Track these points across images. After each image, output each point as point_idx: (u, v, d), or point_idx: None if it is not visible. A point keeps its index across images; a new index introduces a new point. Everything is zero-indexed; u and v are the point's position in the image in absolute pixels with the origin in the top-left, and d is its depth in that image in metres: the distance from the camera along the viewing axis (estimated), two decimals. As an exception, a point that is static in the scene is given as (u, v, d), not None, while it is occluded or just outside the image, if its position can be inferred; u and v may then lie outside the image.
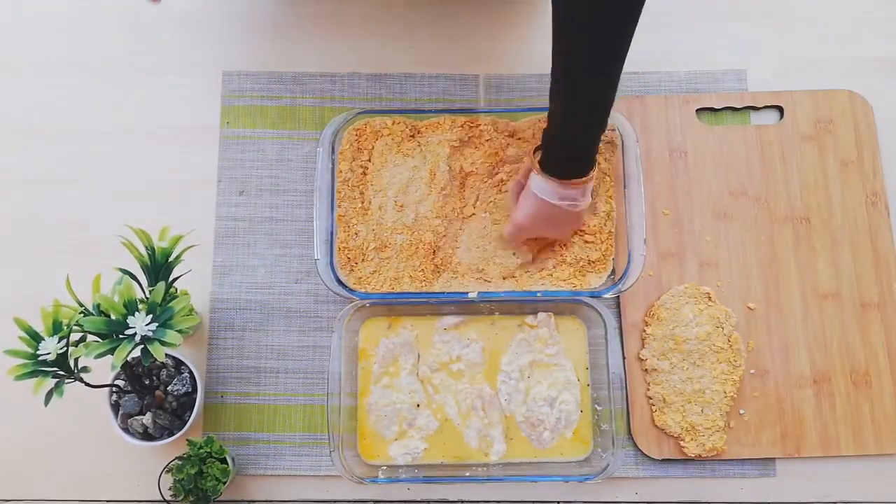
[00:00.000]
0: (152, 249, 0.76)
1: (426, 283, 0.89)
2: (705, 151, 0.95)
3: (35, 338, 0.69)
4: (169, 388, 0.84)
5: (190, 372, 0.85)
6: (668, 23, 1.01)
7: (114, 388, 0.84)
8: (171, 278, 0.77)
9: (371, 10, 1.02)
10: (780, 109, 0.96)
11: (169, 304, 0.71)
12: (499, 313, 0.90)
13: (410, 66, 1.00)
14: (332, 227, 0.89)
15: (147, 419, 0.82)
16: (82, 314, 0.71)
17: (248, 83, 0.99)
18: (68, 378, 0.71)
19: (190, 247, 0.77)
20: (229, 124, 0.98)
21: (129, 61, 1.00)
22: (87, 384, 0.73)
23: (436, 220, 0.90)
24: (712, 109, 0.96)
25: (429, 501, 0.88)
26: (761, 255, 0.92)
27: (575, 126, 0.75)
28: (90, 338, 0.72)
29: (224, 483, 0.81)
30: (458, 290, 0.89)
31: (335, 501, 0.88)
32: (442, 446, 0.87)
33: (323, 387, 0.90)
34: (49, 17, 1.01)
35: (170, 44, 1.00)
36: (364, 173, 0.92)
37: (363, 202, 0.92)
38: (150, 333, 0.69)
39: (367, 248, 0.90)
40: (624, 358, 0.89)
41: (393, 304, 0.89)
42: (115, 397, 0.84)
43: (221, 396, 0.90)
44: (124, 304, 0.69)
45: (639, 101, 0.97)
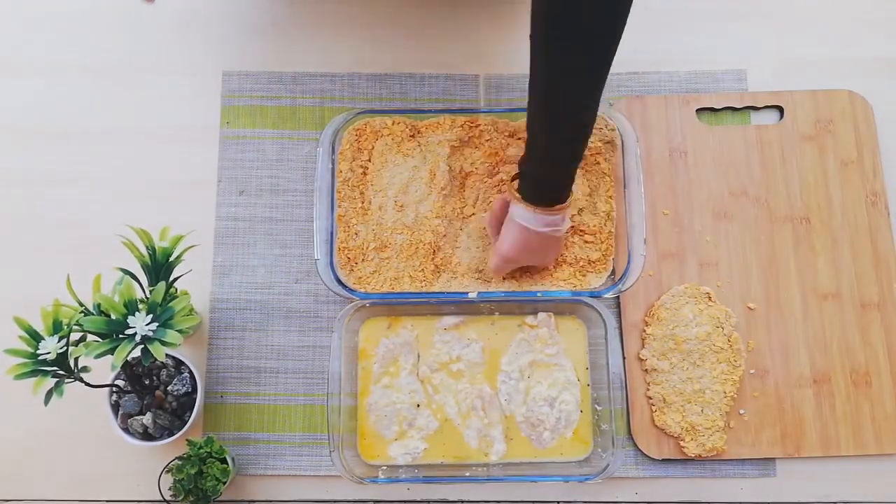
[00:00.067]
0: (153, 249, 0.76)
1: (426, 283, 0.89)
2: (705, 151, 0.95)
3: (35, 337, 0.69)
4: (169, 388, 0.84)
5: (190, 372, 0.85)
6: (668, 23, 1.01)
7: (114, 388, 0.84)
8: (172, 278, 0.77)
9: (371, 10, 1.02)
10: (780, 109, 0.96)
11: (169, 304, 0.71)
12: (499, 313, 0.90)
13: (410, 66, 1.00)
14: (332, 227, 0.89)
15: (147, 419, 0.82)
16: (82, 314, 0.71)
17: (248, 83, 0.99)
18: (68, 378, 0.71)
19: (190, 247, 0.77)
20: (229, 124, 0.98)
21: (129, 61, 1.00)
22: (87, 384, 0.73)
23: (436, 220, 0.90)
24: (712, 109, 0.96)
25: (429, 501, 0.88)
26: (761, 255, 0.92)
27: (555, 156, 0.75)
28: (90, 337, 0.72)
29: (224, 483, 0.81)
30: (458, 290, 0.89)
31: (335, 501, 0.88)
32: (442, 446, 0.87)
33: (323, 387, 0.90)
34: (49, 17, 1.01)
35: (170, 44, 1.00)
36: (364, 173, 0.92)
37: (363, 202, 0.92)
38: (151, 333, 0.69)
39: (367, 248, 0.90)
40: (624, 358, 0.89)
41: (393, 304, 0.89)
42: (115, 397, 0.84)
43: (221, 396, 0.90)
44: (124, 303, 0.69)
45: (639, 101, 0.97)
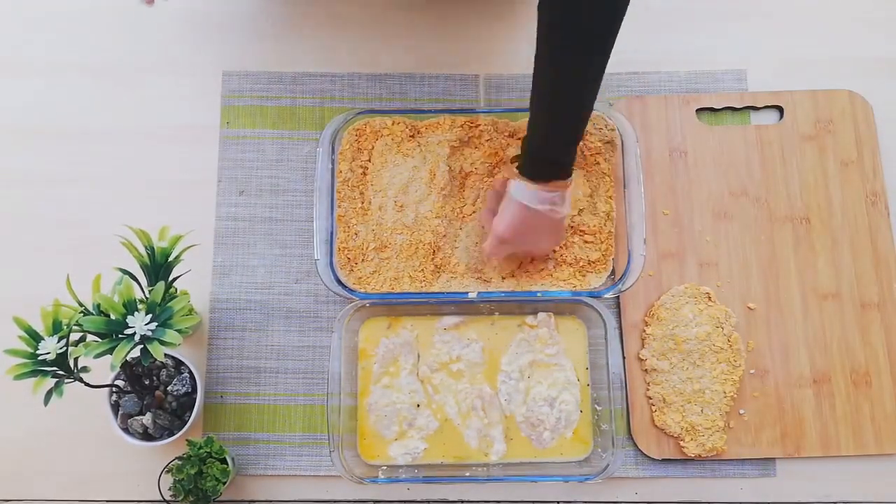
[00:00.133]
0: (152, 249, 0.76)
1: (426, 283, 0.89)
2: (705, 151, 0.95)
3: (35, 337, 0.69)
4: (169, 388, 0.84)
5: (190, 372, 0.85)
6: (668, 23, 1.01)
7: (114, 388, 0.84)
8: (171, 278, 0.77)
9: (371, 11, 1.02)
10: (780, 109, 0.96)
11: (168, 304, 0.71)
12: (499, 313, 0.90)
13: (410, 66, 1.00)
14: (332, 227, 0.89)
15: (147, 419, 0.82)
16: (82, 314, 0.71)
17: (248, 83, 0.99)
18: (68, 378, 0.71)
19: (190, 247, 0.77)
20: (229, 124, 0.98)
21: (129, 61, 1.00)
22: (87, 384, 0.73)
23: (435, 220, 0.90)
24: (712, 109, 0.96)
25: (429, 501, 0.88)
26: (761, 255, 0.92)
27: (556, 129, 0.75)
28: (90, 337, 0.72)
29: (224, 483, 0.81)
30: (457, 290, 0.89)
31: (335, 501, 0.88)
32: (442, 446, 0.87)
33: (323, 387, 0.90)
34: (49, 17, 1.01)
35: (170, 44, 1.00)
36: (364, 173, 0.92)
37: (363, 202, 0.92)
38: (150, 333, 0.69)
39: (367, 249, 0.90)
40: (624, 358, 0.89)
41: (393, 304, 0.89)
42: (115, 397, 0.84)
43: (221, 396, 0.90)
44: (124, 303, 0.69)
45: (639, 101, 0.96)
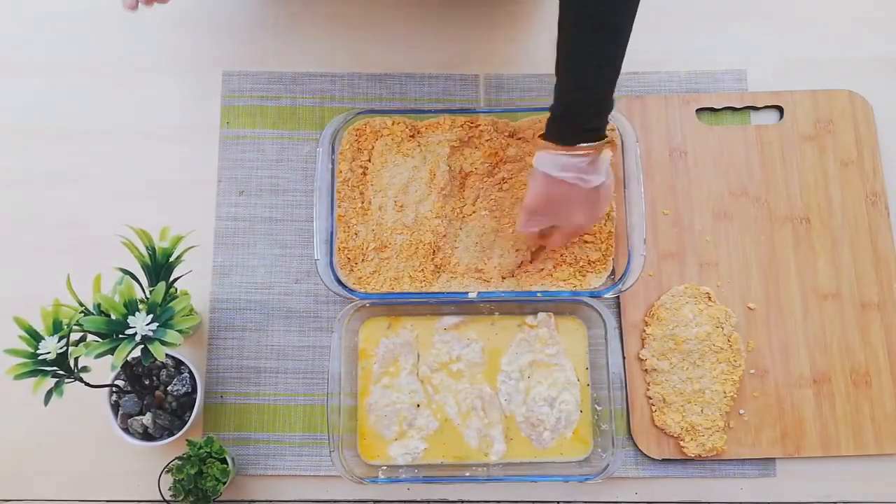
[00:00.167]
0: (153, 249, 0.76)
1: (426, 283, 0.89)
2: (705, 151, 0.95)
3: (35, 337, 0.69)
4: (169, 388, 0.84)
5: (190, 372, 0.85)
6: (668, 23, 1.01)
7: (114, 388, 0.84)
8: (172, 278, 0.77)
9: (371, 10, 1.02)
10: (780, 109, 0.96)
11: (169, 304, 0.71)
12: (499, 313, 0.90)
13: (410, 66, 1.00)
14: (332, 227, 0.89)
15: (147, 419, 0.82)
16: (82, 314, 0.71)
17: (248, 83, 0.99)
18: (68, 378, 0.71)
19: (190, 247, 0.77)
20: (229, 124, 0.97)
21: (129, 61, 1.00)
22: (87, 384, 0.73)
23: (435, 220, 0.90)
24: (712, 109, 0.96)
25: (429, 501, 0.88)
26: (761, 255, 0.92)
27: (576, 85, 0.71)
28: (90, 337, 0.72)
29: (224, 483, 0.81)
30: (457, 290, 0.89)
31: (335, 501, 0.88)
32: (442, 446, 0.87)
33: (323, 387, 0.90)
34: (49, 17, 1.01)
35: (170, 44, 1.00)
36: (364, 173, 0.92)
37: (363, 202, 0.92)
38: (151, 333, 0.69)
39: (367, 249, 0.90)
40: (624, 358, 0.89)
41: (393, 304, 0.89)
42: (115, 397, 0.84)
43: (221, 396, 0.90)
44: (124, 303, 0.69)
45: (639, 101, 0.97)
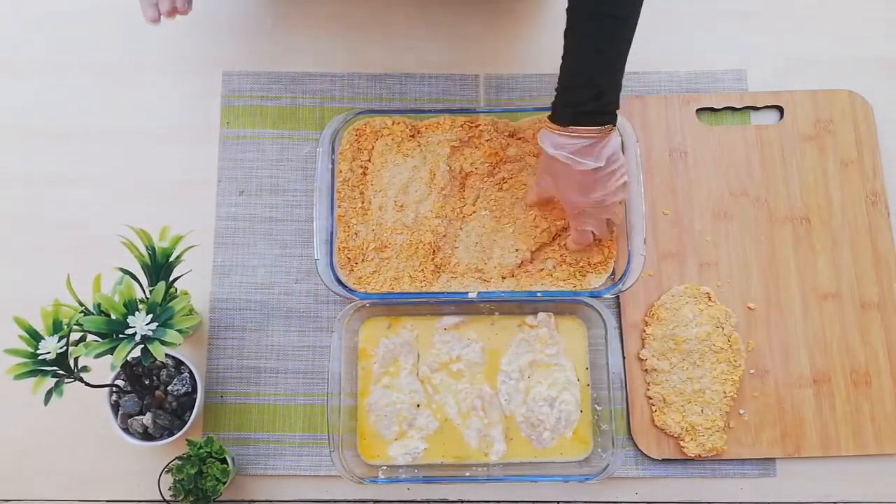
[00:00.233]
0: (153, 249, 0.76)
1: (426, 283, 0.89)
2: (705, 151, 0.95)
3: (35, 337, 0.69)
4: (169, 388, 0.84)
5: (190, 372, 0.85)
6: (669, 23, 1.01)
7: (114, 388, 0.84)
8: (172, 278, 0.77)
9: (371, 10, 1.02)
10: (780, 109, 0.96)
11: (169, 304, 0.71)
12: (499, 313, 0.90)
13: (410, 66, 1.00)
14: (332, 227, 0.89)
15: (147, 419, 0.82)
16: (82, 314, 0.71)
17: (248, 83, 0.99)
18: (68, 378, 0.71)
19: (190, 247, 0.77)
20: (229, 124, 0.97)
21: (129, 61, 1.00)
22: (87, 384, 0.73)
23: (436, 220, 0.90)
24: (712, 109, 0.96)
25: (429, 501, 0.88)
26: (761, 255, 0.92)
27: (574, 66, 0.73)
28: (90, 337, 0.72)
29: (224, 483, 0.81)
30: (458, 290, 0.89)
31: (335, 501, 0.88)
32: (442, 446, 0.87)
33: (323, 387, 0.90)
34: (49, 17, 1.01)
35: (170, 44, 1.00)
36: (364, 173, 0.92)
37: (363, 202, 0.92)
38: (150, 333, 0.69)
39: (367, 248, 0.90)
40: (624, 358, 0.89)
41: (393, 304, 0.89)
42: (115, 397, 0.84)
43: (221, 396, 0.90)
44: (124, 303, 0.69)
45: (639, 101, 0.97)
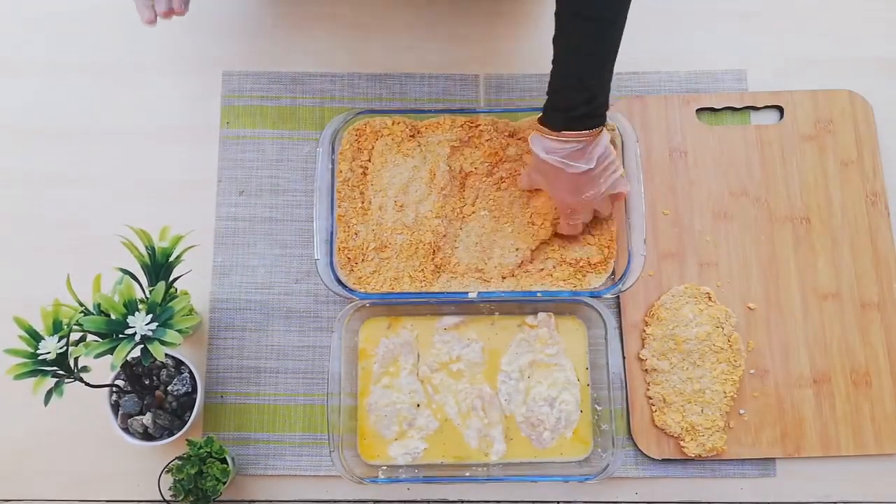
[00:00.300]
0: (153, 249, 0.76)
1: (426, 283, 0.89)
2: (705, 151, 0.95)
3: (35, 337, 0.69)
4: (169, 388, 0.84)
5: (190, 372, 0.85)
6: (669, 23, 1.01)
7: (114, 388, 0.84)
8: (172, 278, 0.77)
9: (371, 10, 1.02)
10: (780, 109, 0.96)
11: (169, 304, 0.71)
12: (499, 313, 0.90)
13: (410, 66, 1.00)
14: (332, 227, 0.89)
15: (147, 419, 0.82)
16: (82, 314, 0.71)
17: (248, 83, 0.99)
18: (68, 378, 0.71)
19: (190, 247, 0.77)
20: (229, 124, 0.98)
21: (129, 61, 1.00)
22: (87, 384, 0.73)
23: (436, 220, 0.90)
24: (712, 109, 0.96)
25: (429, 501, 0.88)
26: (761, 255, 0.92)
27: (562, 72, 0.75)
28: (90, 337, 0.72)
29: (224, 483, 0.81)
30: (458, 290, 0.89)
31: (335, 501, 0.88)
32: (442, 446, 0.87)
33: (323, 387, 0.90)
34: (49, 17, 1.01)
35: (170, 44, 1.00)
36: (364, 173, 0.92)
37: (363, 202, 0.92)
38: (150, 333, 0.69)
39: (367, 248, 0.90)
40: (624, 358, 0.89)
41: (393, 304, 0.89)
42: (115, 397, 0.84)
43: (221, 396, 0.90)
44: (124, 303, 0.69)
45: (639, 101, 0.97)
